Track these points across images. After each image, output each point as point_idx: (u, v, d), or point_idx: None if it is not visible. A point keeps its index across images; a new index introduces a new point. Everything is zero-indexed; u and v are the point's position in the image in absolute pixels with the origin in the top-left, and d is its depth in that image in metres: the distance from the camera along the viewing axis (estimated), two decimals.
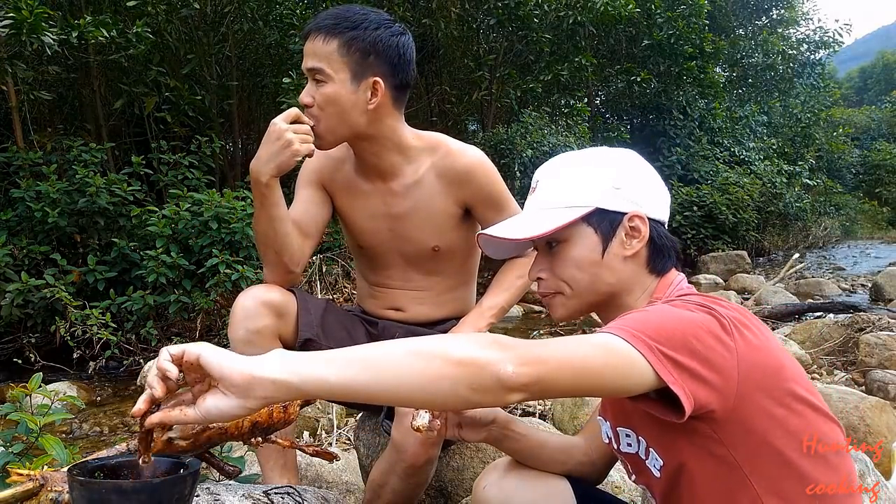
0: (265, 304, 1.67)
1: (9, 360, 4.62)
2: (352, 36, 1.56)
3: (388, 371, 0.80)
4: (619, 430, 1.12)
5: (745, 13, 18.00)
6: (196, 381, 0.84)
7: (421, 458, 1.55)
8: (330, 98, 1.57)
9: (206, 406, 0.81)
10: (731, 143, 14.94)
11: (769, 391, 0.93)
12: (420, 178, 1.71)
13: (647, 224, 1.07)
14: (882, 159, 23.72)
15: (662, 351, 0.87)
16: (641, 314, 0.93)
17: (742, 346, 0.91)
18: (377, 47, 1.58)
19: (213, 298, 4.84)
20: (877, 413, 2.66)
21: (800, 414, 0.95)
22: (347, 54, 1.56)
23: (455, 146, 1.73)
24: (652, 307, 0.98)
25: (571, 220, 1.06)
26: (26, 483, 1.02)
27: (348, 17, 1.57)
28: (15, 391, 1.60)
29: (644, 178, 1.11)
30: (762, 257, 13.49)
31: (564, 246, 1.09)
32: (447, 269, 1.83)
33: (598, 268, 1.07)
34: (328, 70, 1.56)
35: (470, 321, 1.77)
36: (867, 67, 47.69)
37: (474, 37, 10.35)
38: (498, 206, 1.75)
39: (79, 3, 6.24)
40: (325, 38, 1.56)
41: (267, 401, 0.80)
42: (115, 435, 3.51)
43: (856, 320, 4.67)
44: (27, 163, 5.28)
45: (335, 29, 1.56)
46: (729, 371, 0.90)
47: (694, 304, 0.95)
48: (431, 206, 1.73)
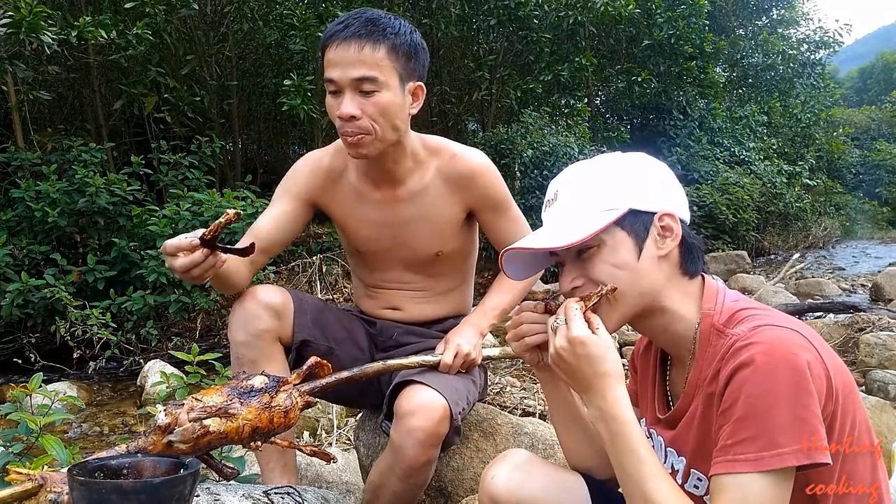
0: (266, 306, 1.66)
1: (9, 360, 4.62)
2: (398, 41, 1.52)
3: (636, 478, 0.98)
4: (693, 470, 1.08)
5: (745, 13, 18.00)
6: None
7: (420, 460, 1.55)
8: (385, 107, 1.52)
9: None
10: (731, 143, 14.93)
11: (845, 402, 0.97)
12: (427, 184, 1.70)
13: (678, 222, 1.06)
14: (882, 159, 23.71)
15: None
16: (763, 421, 0.92)
17: (830, 365, 0.95)
18: (418, 51, 1.56)
19: (213, 298, 4.84)
20: (877, 413, 2.66)
21: (856, 423, 0.99)
22: (397, 59, 1.52)
23: (459, 149, 1.72)
24: (759, 395, 0.92)
25: (609, 223, 1.04)
26: (25, 483, 1.02)
27: (385, 22, 1.52)
28: (15, 391, 1.60)
29: (667, 178, 1.11)
30: (762, 257, 13.48)
31: (597, 252, 1.06)
32: (446, 271, 1.83)
33: (635, 271, 1.05)
34: (381, 77, 1.50)
35: (473, 321, 1.77)
36: (867, 67, 47.66)
37: (474, 37, 10.36)
38: (500, 209, 1.75)
39: (78, 4, 6.24)
40: (372, 44, 1.49)
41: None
42: (115, 435, 3.51)
43: (856, 320, 4.67)
44: (27, 163, 5.29)
45: (378, 34, 1.50)
46: (829, 393, 0.94)
47: (800, 343, 0.95)
48: (437, 212, 1.72)
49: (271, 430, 1.21)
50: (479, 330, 1.75)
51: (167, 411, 1.14)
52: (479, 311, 1.79)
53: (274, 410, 1.22)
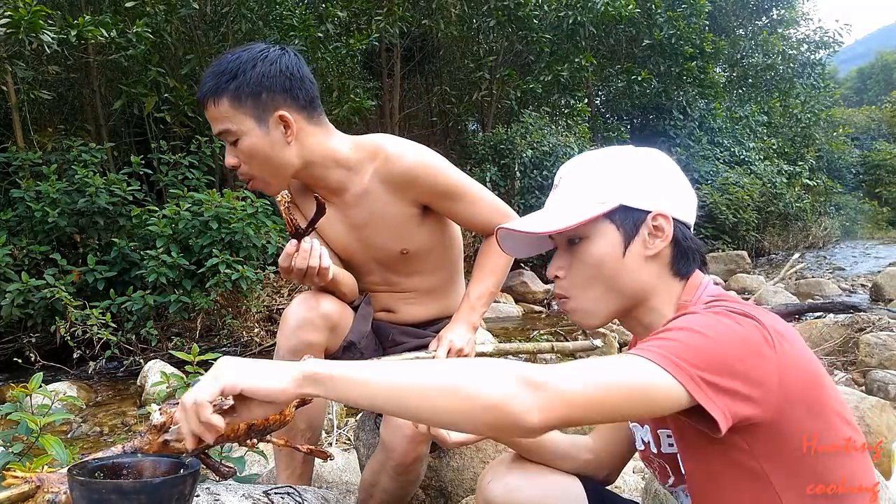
0: (323, 316, 1.65)
1: (9, 360, 4.63)
2: (235, 86, 1.52)
3: (414, 404, 0.84)
4: (659, 432, 1.10)
5: (745, 13, 18.01)
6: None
7: (409, 456, 1.56)
8: (249, 151, 1.55)
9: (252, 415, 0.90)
10: (731, 143, 14.94)
11: (807, 402, 0.91)
12: (367, 188, 1.67)
13: (671, 223, 1.04)
14: (882, 159, 23.74)
15: (703, 378, 0.85)
16: (683, 334, 0.89)
17: (783, 356, 0.90)
18: (264, 83, 1.53)
19: (213, 298, 4.84)
20: (877, 413, 2.66)
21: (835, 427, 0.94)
22: (241, 104, 1.52)
23: (393, 150, 1.66)
24: (692, 320, 0.92)
25: (595, 215, 1.04)
26: (22, 485, 1.02)
27: (224, 70, 1.53)
28: (15, 391, 1.60)
29: (671, 178, 1.09)
30: (762, 257, 13.49)
31: (586, 243, 1.06)
32: (425, 269, 1.81)
33: (618, 267, 1.04)
34: (233, 128, 1.53)
35: (462, 317, 1.76)
36: (866, 68, 47.70)
37: (474, 37, 10.36)
38: (454, 196, 1.70)
39: (78, 3, 6.24)
40: (213, 100, 1.53)
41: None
42: (115, 435, 3.51)
43: (856, 320, 4.66)
44: (27, 163, 5.29)
45: (217, 88, 1.52)
46: (770, 384, 0.88)
47: (737, 314, 0.92)
48: (386, 212, 1.69)
49: (266, 428, 1.21)
50: (471, 325, 1.74)
51: (162, 410, 1.15)
52: (465, 305, 1.77)
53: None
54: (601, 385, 0.83)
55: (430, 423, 0.88)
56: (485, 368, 0.84)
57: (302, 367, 0.87)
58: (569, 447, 1.29)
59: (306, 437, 1.71)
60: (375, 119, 9.48)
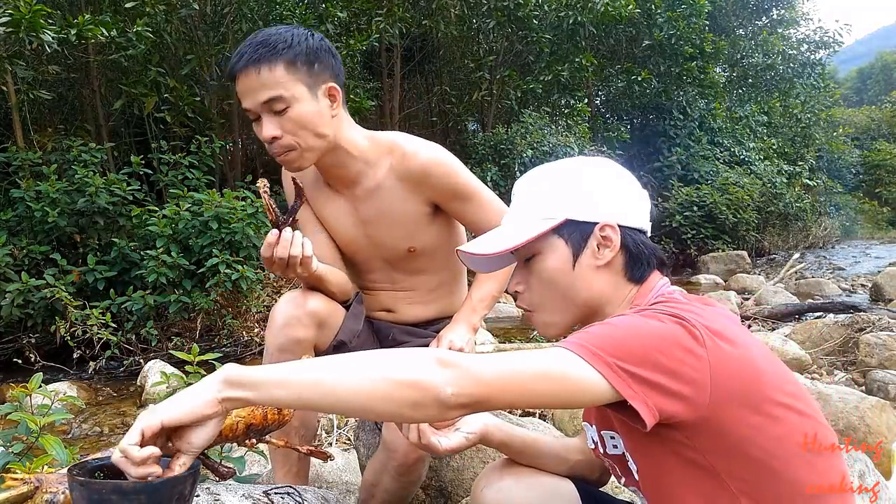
0: (310, 314, 1.64)
1: (9, 360, 4.63)
2: (293, 53, 1.52)
3: (336, 392, 0.86)
4: (603, 433, 1.12)
5: (745, 13, 18.01)
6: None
7: (411, 457, 1.56)
8: (299, 119, 1.53)
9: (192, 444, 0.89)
10: (731, 143, 14.95)
11: (745, 399, 0.92)
12: (381, 183, 1.68)
13: (618, 233, 1.06)
14: (882, 159, 23.75)
15: (622, 367, 0.87)
16: (605, 328, 0.93)
17: (715, 355, 0.90)
18: (319, 55, 1.55)
19: (213, 298, 4.84)
20: (877, 413, 2.66)
21: (782, 420, 0.93)
22: (297, 71, 1.52)
23: (410, 147, 1.68)
24: (618, 318, 0.96)
25: (540, 232, 1.06)
26: (20, 487, 1.02)
27: (276, 40, 1.52)
28: (15, 391, 1.60)
29: (618, 186, 1.10)
30: (762, 257, 13.48)
31: (539, 258, 1.09)
32: (430, 268, 1.82)
33: (571, 279, 1.07)
34: (287, 94, 1.51)
35: (463, 317, 1.76)
36: (866, 68, 47.73)
37: (474, 37, 10.36)
38: (464, 198, 1.71)
39: (78, 3, 6.25)
40: (268, 66, 1.51)
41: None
42: (115, 435, 3.51)
43: (856, 320, 4.66)
44: (27, 163, 5.29)
45: (273, 54, 1.51)
46: (700, 382, 0.89)
47: (664, 315, 0.94)
48: (397, 209, 1.70)
49: (265, 427, 1.21)
50: (471, 325, 1.74)
51: None
52: (467, 306, 1.77)
53: (267, 407, 1.21)
54: (512, 369, 0.88)
55: (356, 412, 0.89)
56: (405, 353, 0.88)
57: (222, 374, 0.88)
58: (559, 449, 1.30)
59: (300, 434, 1.70)
60: (375, 119, 9.49)
